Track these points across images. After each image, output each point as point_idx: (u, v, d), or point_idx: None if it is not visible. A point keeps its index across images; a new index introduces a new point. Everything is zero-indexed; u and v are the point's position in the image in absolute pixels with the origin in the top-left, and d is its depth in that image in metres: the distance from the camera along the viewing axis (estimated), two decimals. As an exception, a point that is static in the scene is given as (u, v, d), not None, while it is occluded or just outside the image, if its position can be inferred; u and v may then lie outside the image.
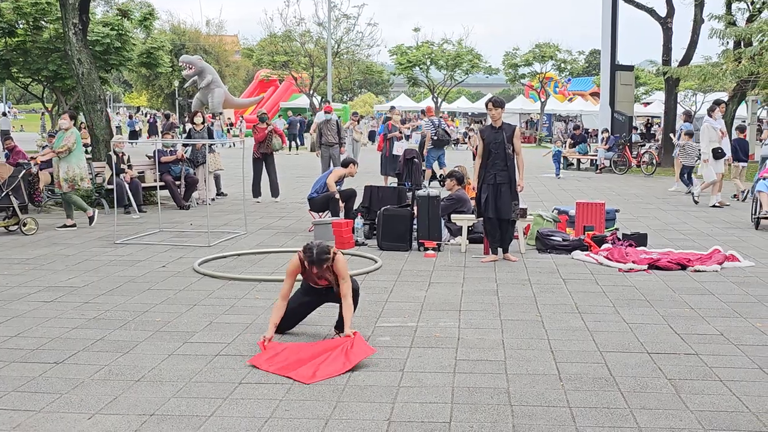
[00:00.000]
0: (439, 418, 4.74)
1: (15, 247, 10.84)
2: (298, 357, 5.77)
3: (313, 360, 5.71)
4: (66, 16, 15.84)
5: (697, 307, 7.51)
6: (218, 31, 73.03)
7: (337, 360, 5.68)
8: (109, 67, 28.99)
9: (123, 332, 6.64)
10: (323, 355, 5.77)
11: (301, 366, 5.61)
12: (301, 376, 5.46)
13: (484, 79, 63.47)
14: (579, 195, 17.27)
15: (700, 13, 27.41)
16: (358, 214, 11.65)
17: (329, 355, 5.77)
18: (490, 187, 9.77)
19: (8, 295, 8.01)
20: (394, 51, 52.56)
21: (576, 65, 55.99)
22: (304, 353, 5.83)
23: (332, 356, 5.74)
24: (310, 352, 5.85)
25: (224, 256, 10.17)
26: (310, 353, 5.83)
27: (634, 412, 4.83)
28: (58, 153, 12.44)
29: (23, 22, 27.60)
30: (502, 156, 9.69)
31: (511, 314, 7.24)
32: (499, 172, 9.70)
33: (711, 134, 16.01)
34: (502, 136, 9.73)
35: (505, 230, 9.89)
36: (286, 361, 5.72)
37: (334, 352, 5.79)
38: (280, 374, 5.51)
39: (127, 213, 14.21)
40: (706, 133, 15.99)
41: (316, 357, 5.76)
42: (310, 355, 5.80)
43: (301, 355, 5.81)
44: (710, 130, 16.01)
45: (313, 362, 5.67)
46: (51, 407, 4.92)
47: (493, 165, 9.73)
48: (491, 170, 9.74)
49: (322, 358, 5.73)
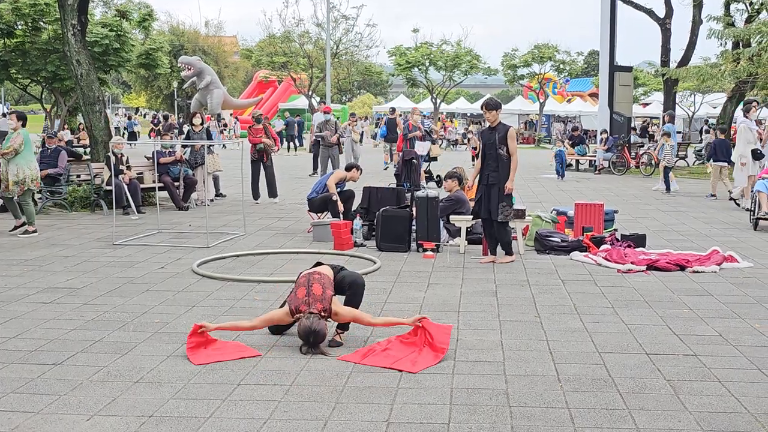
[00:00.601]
0: (438, 419, 4.74)
1: (14, 248, 10.83)
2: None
3: (403, 358, 5.89)
4: (65, 17, 15.85)
5: (695, 308, 7.51)
6: (217, 32, 73.02)
7: (428, 355, 5.90)
8: (108, 68, 28.94)
9: (122, 333, 6.63)
10: (411, 355, 5.95)
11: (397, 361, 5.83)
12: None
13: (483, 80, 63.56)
14: (578, 196, 17.28)
15: (698, 13, 27.47)
16: (357, 215, 11.65)
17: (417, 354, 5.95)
18: (483, 188, 9.86)
19: (7, 296, 8.00)
20: (392, 52, 52.60)
21: (575, 66, 56.03)
22: (388, 359, 5.91)
23: (422, 354, 5.94)
24: (394, 357, 5.94)
25: (223, 257, 10.17)
26: (393, 358, 5.93)
27: (633, 413, 4.83)
28: (3, 154, 11.94)
29: (22, 23, 27.57)
30: (494, 157, 9.74)
31: (509, 315, 7.25)
32: (491, 173, 9.78)
33: (748, 135, 15.40)
34: (495, 136, 9.79)
35: (497, 231, 9.90)
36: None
37: (421, 353, 5.96)
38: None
39: (126, 214, 14.20)
40: (743, 135, 15.35)
41: (405, 355, 5.94)
42: (396, 358, 5.93)
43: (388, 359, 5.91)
44: (747, 132, 15.40)
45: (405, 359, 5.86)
46: (50, 408, 4.92)
47: (486, 166, 9.82)
48: (485, 171, 9.84)
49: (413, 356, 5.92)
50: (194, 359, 5.86)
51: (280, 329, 6.51)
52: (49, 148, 15.17)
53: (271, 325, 6.43)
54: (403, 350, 6.05)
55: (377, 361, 5.82)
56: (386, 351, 6.04)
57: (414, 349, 6.04)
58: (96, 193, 14.74)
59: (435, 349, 5.96)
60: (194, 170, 15.81)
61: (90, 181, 15.01)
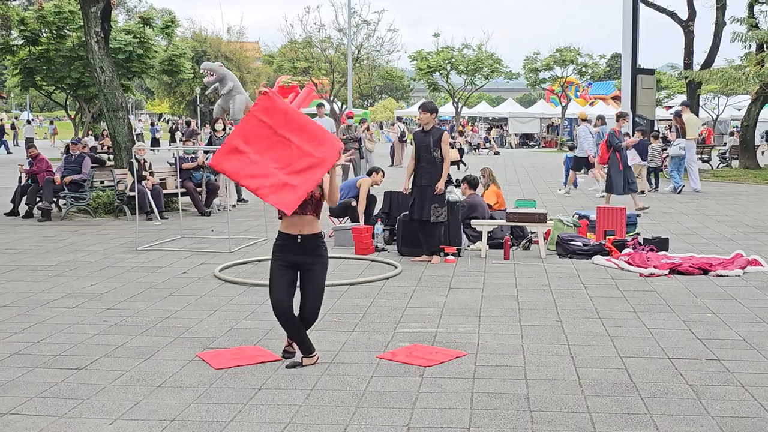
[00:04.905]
0: (459, 423, 4.74)
1: (38, 253, 10.94)
2: None
3: None
4: (88, 25, 15.99)
5: (719, 312, 7.46)
6: (239, 38, 73.34)
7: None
8: (132, 75, 29.21)
9: (144, 338, 6.68)
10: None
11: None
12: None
13: (505, 83, 63.38)
14: (599, 200, 17.18)
15: (721, 15, 27.24)
16: (378, 219, 11.65)
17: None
18: (416, 189, 10.10)
19: (31, 301, 8.08)
20: (414, 56, 52.61)
21: (597, 69, 55.76)
22: None
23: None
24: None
25: (245, 262, 10.21)
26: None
27: (655, 418, 4.80)
28: None
29: (46, 30, 27.93)
30: (429, 159, 10.00)
31: (531, 320, 7.23)
32: (425, 175, 10.03)
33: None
34: (429, 139, 10.01)
35: (428, 232, 10.16)
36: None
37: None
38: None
39: (149, 220, 14.30)
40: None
41: None
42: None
43: None
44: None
45: None
46: (73, 413, 4.96)
47: (420, 168, 10.07)
48: (419, 173, 10.09)
49: None
50: (215, 364, 5.90)
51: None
52: (73, 155, 15.31)
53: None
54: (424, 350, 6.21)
55: (403, 358, 6.02)
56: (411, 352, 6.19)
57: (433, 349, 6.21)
58: (119, 199, 14.85)
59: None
60: (216, 176, 15.88)
61: (113, 186, 15.13)
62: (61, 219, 14.55)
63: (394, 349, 6.28)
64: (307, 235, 5.77)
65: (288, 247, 5.79)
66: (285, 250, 5.80)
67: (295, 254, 5.78)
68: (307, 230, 5.78)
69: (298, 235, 5.75)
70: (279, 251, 5.83)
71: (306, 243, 5.77)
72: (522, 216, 10.79)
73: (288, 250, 5.79)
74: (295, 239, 5.76)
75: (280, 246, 5.84)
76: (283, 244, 5.82)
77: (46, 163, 15.51)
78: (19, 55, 28.63)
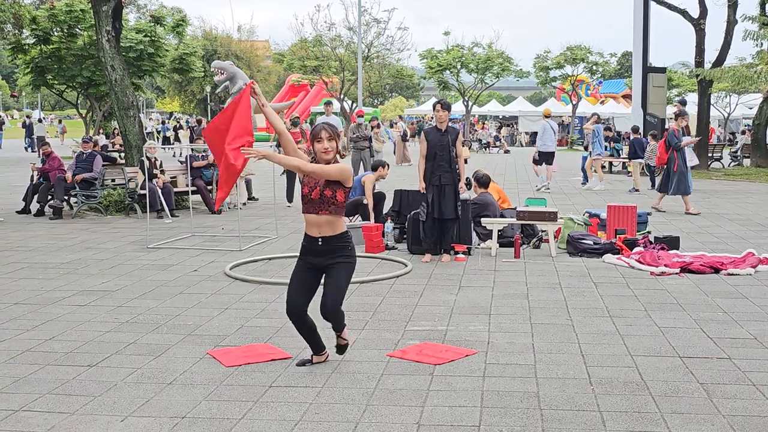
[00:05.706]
0: (469, 421, 4.74)
1: (50, 251, 10.99)
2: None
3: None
4: (99, 24, 16.04)
5: (730, 311, 7.43)
6: (249, 37, 73.44)
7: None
8: (142, 73, 29.31)
9: (155, 336, 6.71)
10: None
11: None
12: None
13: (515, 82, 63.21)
14: (610, 198, 17.15)
15: (733, 14, 27.11)
16: (388, 218, 11.66)
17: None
18: (434, 188, 10.02)
19: (43, 298, 8.12)
20: (424, 55, 52.56)
21: (608, 67, 55.59)
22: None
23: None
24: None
25: (255, 260, 10.23)
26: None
27: (666, 417, 4.79)
28: None
29: (58, 29, 28.06)
30: (447, 158, 9.97)
31: (541, 318, 7.22)
32: (444, 174, 9.96)
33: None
34: (447, 138, 10.00)
35: (446, 231, 10.20)
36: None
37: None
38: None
39: (160, 218, 14.34)
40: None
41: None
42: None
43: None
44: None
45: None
46: (84, 410, 4.99)
47: (438, 167, 10.00)
48: (437, 172, 10.01)
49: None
50: (226, 361, 5.91)
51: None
52: (85, 153, 15.37)
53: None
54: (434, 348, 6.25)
55: (413, 356, 6.06)
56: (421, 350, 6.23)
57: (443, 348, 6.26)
58: (130, 197, 14.90)
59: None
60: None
61: (124, 185, 15.18)
62: (73, 217, 14.61)
63: (405, 347, 6.29)
64: (327, 237, 5.62)
65: (310, 249, 5.70)
66: (307, 252, 5.72)
67: (317, 256, 5.67)
68: (328, 231, 5.62)
69: (319, 238, 5.63)
70: (303, 252, 5.77)
71: (328, 245, 5.64)
72: (532, 214, 10.78)
73: (310, 252, 5.70)
74: (317, 241, 5.64)
75: (304, 247, 5.77)
76: (306, 246, 5.74)
77: (58, 161, 15.59)
78: (31, 53, 28.76)
